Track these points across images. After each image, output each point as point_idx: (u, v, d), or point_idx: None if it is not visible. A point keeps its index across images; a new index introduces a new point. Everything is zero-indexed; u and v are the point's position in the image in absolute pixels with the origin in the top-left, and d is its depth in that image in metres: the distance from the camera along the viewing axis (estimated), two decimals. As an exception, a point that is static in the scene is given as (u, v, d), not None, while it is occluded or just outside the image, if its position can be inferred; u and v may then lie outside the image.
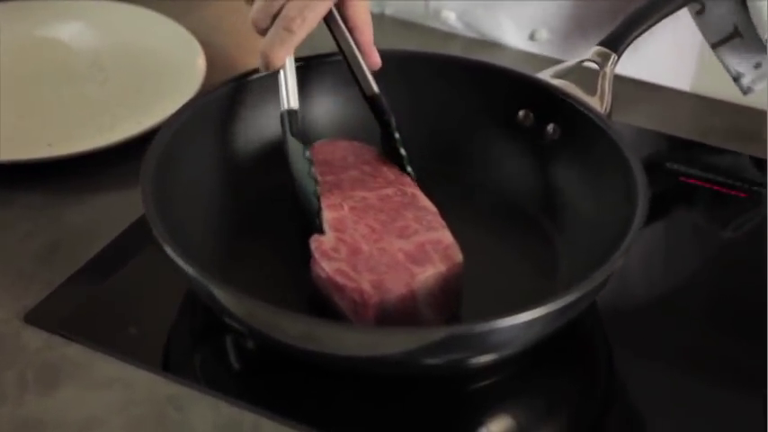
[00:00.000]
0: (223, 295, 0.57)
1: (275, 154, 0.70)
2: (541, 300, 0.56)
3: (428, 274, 0.61)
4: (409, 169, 0.72)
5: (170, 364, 0.64)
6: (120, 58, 0.91)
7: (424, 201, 0.68)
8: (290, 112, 0.68)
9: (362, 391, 0.61)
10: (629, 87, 0.87)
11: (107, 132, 0.80)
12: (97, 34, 0.93)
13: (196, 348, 0.66)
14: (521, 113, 0.75)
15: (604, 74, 0.77)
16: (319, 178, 0.68)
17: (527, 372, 0.63)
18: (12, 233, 0.73)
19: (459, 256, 0.63)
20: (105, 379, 0.62)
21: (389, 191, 0.68)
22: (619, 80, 0.78)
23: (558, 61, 0.79)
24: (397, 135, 0.71)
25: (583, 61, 0.77)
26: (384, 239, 0.63)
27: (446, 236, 0.64)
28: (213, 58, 0.89)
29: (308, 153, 0.67)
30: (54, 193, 0.76)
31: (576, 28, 0.97)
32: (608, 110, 0.76)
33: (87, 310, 0.67)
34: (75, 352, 0.64)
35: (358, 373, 0.60)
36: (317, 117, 0.75)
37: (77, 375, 0.63)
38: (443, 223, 0.65)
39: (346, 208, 0.66)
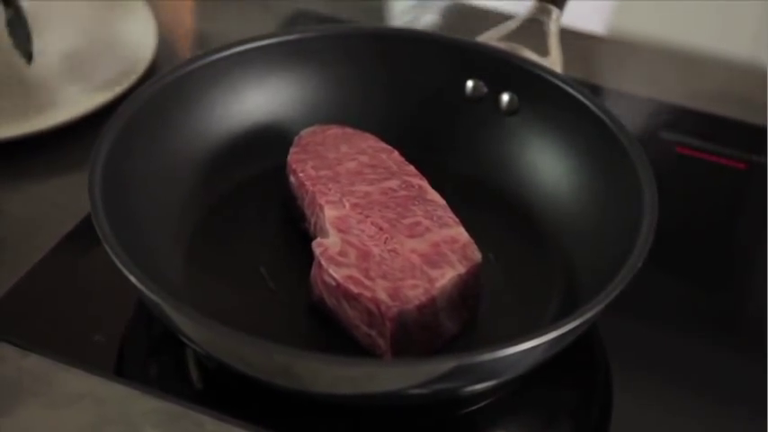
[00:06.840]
0: (197, 331, 0.53)
1: (253, 142, 0.66)
2: (543, 319, 0.57)
3: (447, 277, 0.57)
4: None
5: (146, 376, 0.59)
6: (53, 18, 0.84)
7: (432, 193, 0.63)
8: None
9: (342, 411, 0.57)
10: (610, 47, 0.85)
11: (49, 110, 0.73)
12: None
13: (177, 357, 0.60)
14: (469, 84, 0.70)
15: (549, 31, 0.73)
16: (313, 173, 0.63)
17: (522, 387, 0.58)
18: (-53, 231, 0.67)
19: (477, 255, 0.59)
20: (71, 395, 0.58)
21: (393, 183, 0.63)
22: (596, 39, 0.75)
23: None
24: None
25: (527, 19, 0.74)
26: (394, 240, 0.59)
27: (461, 233, 0.60)
28: (163, 21, 0.83)
29: None
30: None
31: None
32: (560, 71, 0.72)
33: (43, 315, 0.62)
34: (33, 364, 0.59)
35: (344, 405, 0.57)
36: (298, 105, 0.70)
37: (38, 391, 0.58)
38: (456, 219, 0.62)
39: (347, 205, 0.61)
